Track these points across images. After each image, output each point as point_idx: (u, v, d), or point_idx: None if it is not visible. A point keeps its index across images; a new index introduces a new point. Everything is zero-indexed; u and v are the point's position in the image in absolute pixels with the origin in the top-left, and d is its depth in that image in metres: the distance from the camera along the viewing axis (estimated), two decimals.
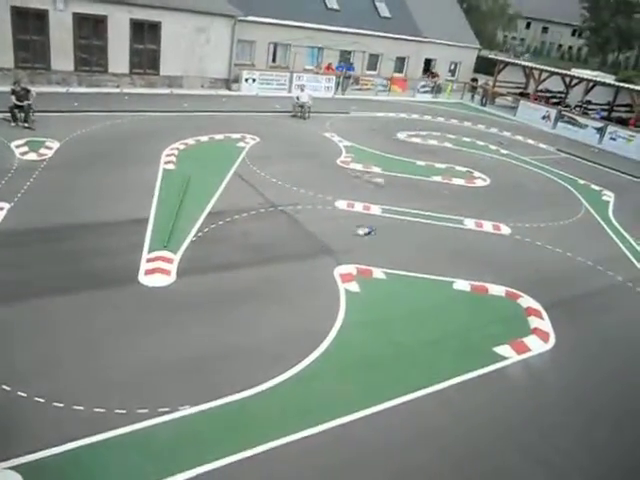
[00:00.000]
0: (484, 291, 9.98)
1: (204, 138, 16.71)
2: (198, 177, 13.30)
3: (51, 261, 8.90)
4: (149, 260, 9.24)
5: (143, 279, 8.69)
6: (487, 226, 13.08)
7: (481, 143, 21.80)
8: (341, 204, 12.97)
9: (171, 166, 13.97)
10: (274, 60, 28.30)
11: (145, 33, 22.04)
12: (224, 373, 6.88)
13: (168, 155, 14.69)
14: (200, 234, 10.47)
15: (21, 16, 19.64)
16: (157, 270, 8.97)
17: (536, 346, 8.51)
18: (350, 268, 9.96)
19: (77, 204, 11.08)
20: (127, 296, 8.25)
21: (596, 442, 6.76)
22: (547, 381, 7.83)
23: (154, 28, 22.15)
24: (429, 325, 8.69)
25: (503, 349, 8.27)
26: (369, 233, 11.61)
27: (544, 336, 8.80)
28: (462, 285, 10.02)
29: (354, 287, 9.38)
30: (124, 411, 6.04)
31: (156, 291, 8.48)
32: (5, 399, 6.00)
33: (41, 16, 19.95)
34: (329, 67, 28.97)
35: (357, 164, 16.34)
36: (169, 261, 9.30)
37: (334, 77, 27.90)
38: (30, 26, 19.92)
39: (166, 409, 6.14)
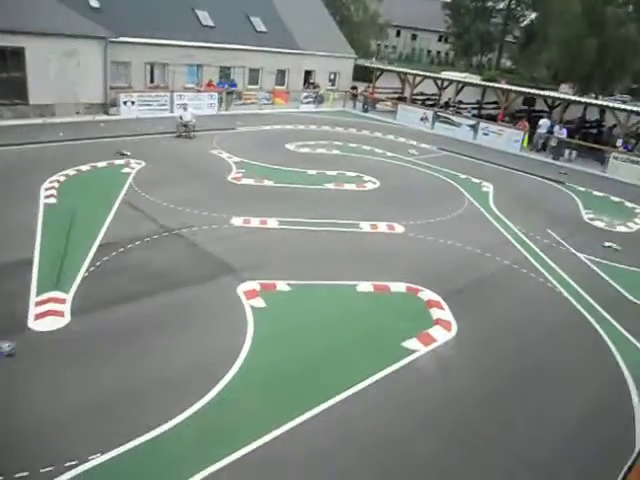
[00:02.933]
0: (386, 290, 10.29)
1: (85, 167, 15.83)
2: (83, 209, 12.57)
3: None
4: (38, 303, 8.57)
5: (33, 325, 8.04)
6: (382, 227, 13.54)
7: (367, 148, 22.56)
8: (237, 221, 12.83)
9: (52, 200, 13.09)
10: (152, 80, 27.57)
11: (8, 60, 20.56)
12: (135, 412, 6.52)
13: (48, 189, 13.74)
14: (92, 269, 9.89)
15: None
16: (49, 313, 8.34)
17: (441, 336, 8.91)
18: (253, 284, 9.87)
19: None
20: (17, 346, 7.56)
21: (505, 417, 7.18)
22: (455, 366, 8.22)
23: (17, 54, 20.70)
24: (338, 330, 8.81)
25: (411, 343, 8.57)
26: None
27: (447, 325, 9.24)
28: (365, 287, 10.27)
29: (259, 303, 9.30)
30: (26, 473, 5.53)
31: (49, 335, 7.86)
32: None
33: None
34: (210, 84, 28.69)
35: (249, 179, 16.27)
36: (61, 301, 8.69)
37: (216, 94, 27.66)
38: None
39: (74, 462, 5.69)
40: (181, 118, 21.18)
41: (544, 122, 26.69)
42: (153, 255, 10.72)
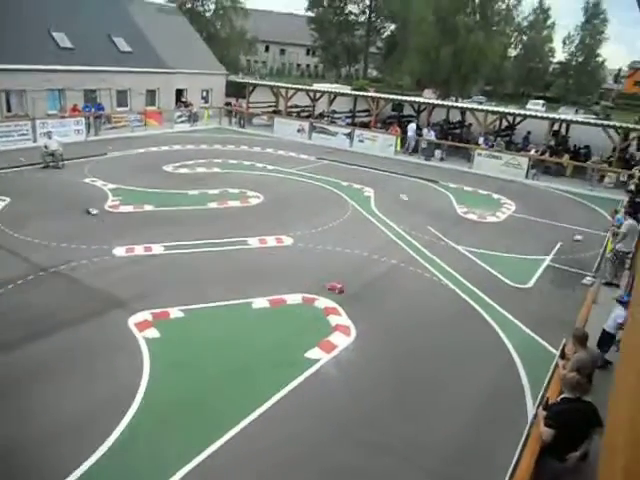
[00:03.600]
0: (282, 303, 10.28)
1: None
2: None
3: None
4: None
5: None
6: (270, 241, 13.54)
7: (248, 163, 22.51)
8: (119, 251, 12.19)
9: None
10: (9, 109, 25.54)
11: None
12: (25, 473, 5.92)
13: None
14: None
15: None
16: None
17: (341, 341, 9.05)
18: (145, 315, 9.42)
19: None
20: None
21: (409, 410, 7.43)
22: (358, 369, 8.38)
23: None
24: (238, 351, 8.65)
25: (313, 352, 8.62)
26: None
27: (345, 330, 9.41)
28: (260, 303, 10.19)
29: (153, 333, 8.89)
30: None
31: None
32: None
33: None
34: (75, 109, 27.10)
35: (127, 206, 15.54)
36: None
37: (83, 119, 26.20)
38: None
39: None
40: (46, 147, 19.75)
41: (411, 126, 28.27)
42: (30, 297, 9.85)
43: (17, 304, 9.59)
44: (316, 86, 36.15)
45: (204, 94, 36.44)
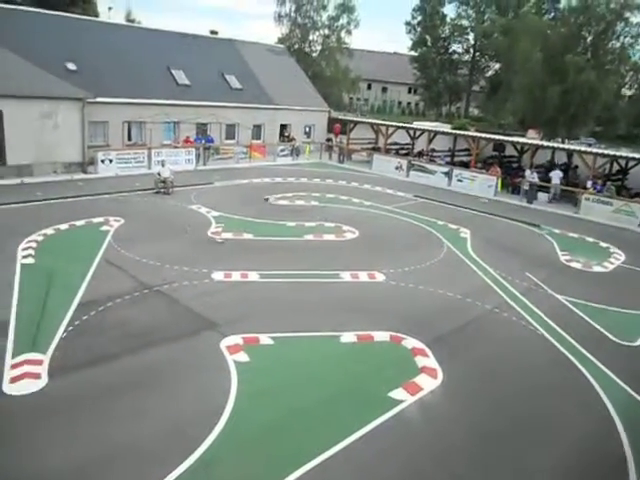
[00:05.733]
0: (370, 339, 10.25)
1: (64, 226, 15.75)
2: (62, 268, 12.45)
3: None
4: (14, 366, 8.36)
5: (8, 388, 7.82)
6: (363, 276, 13.60)
7: (345, 197, 22.89)
8: (218, 275, 12.79)
9: (30, 260, 12.94)
10: (130, 138, 27.88)
11: None
12: (115, 478, 6.29)
13: (25, 249, 13.61)
14: (71, 328, 9.71)
15: None
16: (25, 375, 8.13)
17: (427, 384, 8.84)
18: (236, 339, 9.76)
19: None
20: None
21: (492, 467, 7.08)
22: (443, 415, 8.12)
23: None
24: (323, 383, 8.70)
25: (398, 393, 8.48)
26: None
27: (432, 373, 9.19)
28: (348, 337, 10.23)
29: (243, 357, 9.18)
30: None
31: (25, 399, 7.64)
32: None
33: None
34: (187, 140, 29.07)
35: (228, 233, 16.32)
36: (38, 363, 8.48)
37: (194, 149, 28.02)
38: None
39: None
40: (159, 174, 21.34)
41: (556, 173, 26.81)
42: (133, 313, 10.58)
43: (122, 318, 10.32)
44: (416, 124, 36.32)
45: (307, 129, 37.72)
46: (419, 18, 69.05)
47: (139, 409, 7.63)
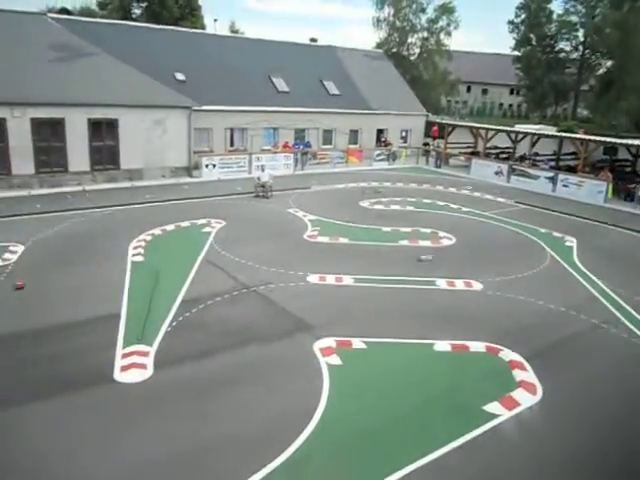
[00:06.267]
0: (465, 349, 9.97)
1: (170, 227, 16.76)
2: (168, 266, 13.25)
3: (21, 368, 8.58)
4: (124, 356, 9.01)
5: (119, 376, 8.44)
6: (459, 284, 13.25)
7: (442, 203, 22.44)
8: (313, 278, 13.01)
9: (139, 258, 13.89)
10: (232, 144, 29.10)
11: (103, 130, 22.46)
12: (211, 468, 6.58)
13: (135, 247, 14.63)
14: (175, 323, 10.30)
15: None
16: (133, 365, 8.73)
17: (525, 399, 8.45)
18: (329, 341, 9.88)
19: (46, 307, 10.82)
20: (103, 396, 7.96)
21: None
22: (542, 435, 7.72)
23: (112, 125, 22.61)
24: (416, 391, 8.58)
25: (493, 406, 8.18)
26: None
27: (531, 388, 8.77)
28: (442, 346, 10.01)
29: (335, 360, 9.27)
30: None
31: (133, 387, 8.22)
32: None
33: None
34: (286, 145, 29.86)
35: (324, 237, 16.55)
36: (145, 354, 9.08)
37: (292, 154, 28.70)
38: None
39: None
40: (259, 179, 22.09)
41: None
42: (232, 311, 11.03)
43: (221, 316, 10.80)
44: (518, 127, 34.77)
45: (403, 134, 37.41)
46: (523, 16, 66.16)
47: (235, 404, 7.93)
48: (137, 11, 50.60)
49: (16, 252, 13.88)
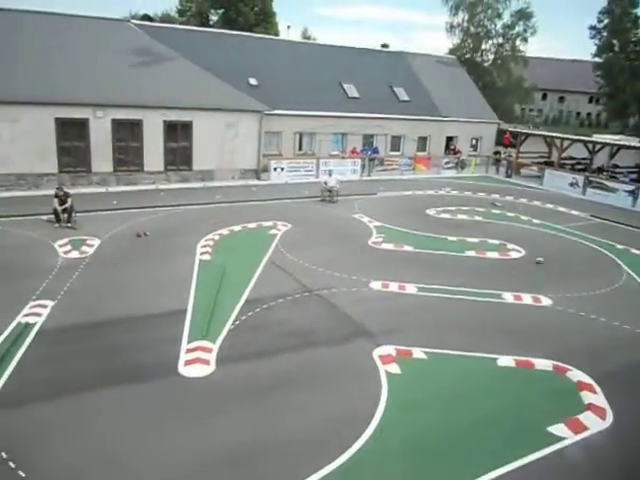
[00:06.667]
0: (530, 366, 9.62)
1: (237, 227, 17.18)
2: (234, 266, 13.57)
3: (92, 356, 9.03)
4: (189, 350, 9.29)
5: (183, 370, 8.72)
6: (526, 298, 12.81)
7: (511, 214, 21.79)
8: (376, 285, 12.96)
9: (207, 257, 14.32)
10: (300, 148, 29.50)
11: (178, 132, 23.34)
12: (266, 468, 6.67)
13: (203, 246, 15.10)
14: (238, 322, 10.54)
15: (64, 125, 21.12)
16: (197, 360, 8.99)
17: (593, 424, 8.04)
18: (389, 349, 9.79)
19: (118, 299, 11.36)
20: (167, 388, 8.26)
21: None
22: (610, 465, 7.31)
23: (186, 127, 23.47)
24: (476, 406, 8.36)
25: (558, 428, 7.82)
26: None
27: (600, 412, 8.34)
28: (506, 361, 9.71)
29: (395, 369, 9.18)
30: None
31: (196, 382, 8.46)
32: None
33: (82, 124, 21.39)
34: (354, 151, 29.93)
35: (389, 244, 16.46)
36: (208, 350, 9.33)
37: (359, 160, 28.74)
38: (72, 133, 21.35)
39: None
40: (326, 183, 22.26)
41: None
42: (294, 313, 11.16)
43: (283, 317, 10.95)
44: (596, 137, 33.26)
45: (473, 142, 36.65)
46: (606, 21, 63.30)
47: (292, 405, 8.01)
48: (214, 17, 52.28)
49: (93, 245, 14.65)
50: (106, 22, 25.87)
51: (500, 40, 51.28)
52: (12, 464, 6.41)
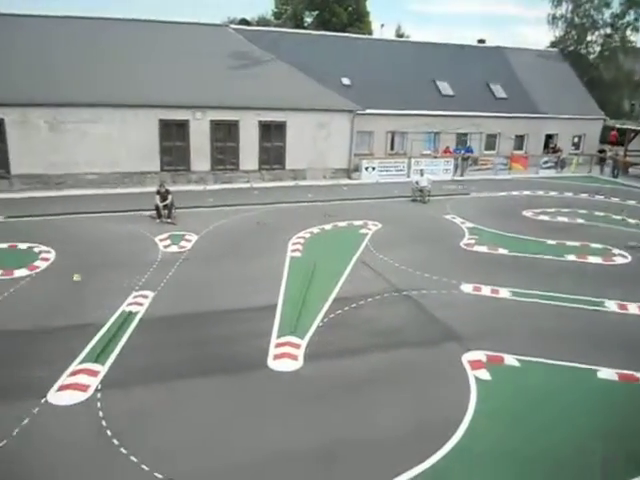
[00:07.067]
0: (635, 381, 8.95)
1: (328, 226, 17.38)
2: (323, 264, 13.73)
3: (187, 346, 9.48)
4: (278, 345, 9.51)
5: (272, 364, 8.93)
6: (633, 308, 11.92)
7: (617, 217, 20.38)
8: (467, 288, 12.60)
9: (297, 254, 14.60)
10: (392, 148, 29.29)
11: (272, 132, 23.97)
12: (348, 467, 6.67)
13: (294, 243, 15.41)
14: (326, 320, 10.64)
15: (167, 126, 22.35)
16: (285, 355, 9.18)
17: None
18: (479, 354, 9.48)
19: (212, 293, 11.86)
20: (257, 380, 8.49)
21: None
22: None
23: (280, 127, 24.05)
24: (574, 421, 7.84)
25: None
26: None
27: None
28: (607, 374, 9.08)
29: (484, 375, 8.87)
30: None
31: (284, 376, 8.64)
32: (144, 479, 6.29)
33: (183, 125, 22.54)
34: (446, 150, 29.29)
35: (482, 246, 15.95)
36: (296, 346, 9.49)
37: (452, 159, 28.08)
38: (174, 134, 22.55)
39: None
40: (417, 183, 21.96)
41: None
42: (383, 313, 11.10)
43: (371, 316, 10.92)
44: None
45: (575, 140, 34.66)
46: None
47: (378, 405, 7.95)
48: (308, 19, 53.11)
49: (191, 241, 15.41)
50: (207, 28, 27.10)
51: (608, 30, 48.00)
52: (115, 441, 6.89)
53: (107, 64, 22.78)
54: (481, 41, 39.77)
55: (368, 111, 26.10)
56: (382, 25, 61.41)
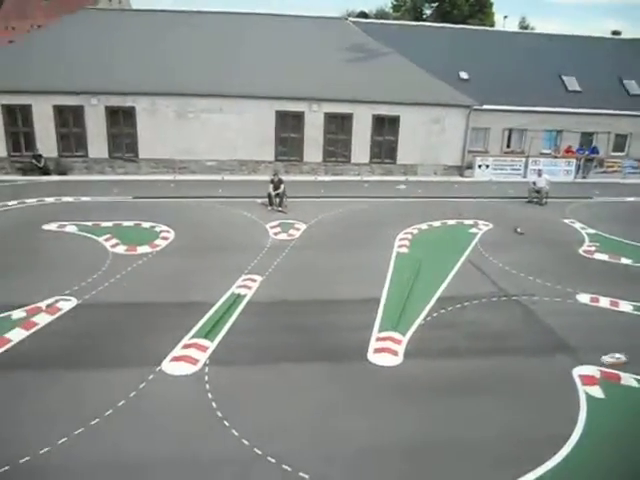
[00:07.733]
0: None
1: (436, 223, 17.07)
2: (429, 261, 13.52)
3: (291, 331, 9.76)
4: (379, 339, 9.51)
5: (372, 357, 8.96)
6: None
7: None
8: (583, 298, 11.82)
9: (404, 250, 14.49)
10: (509, 145, 28.06)
11: (385, 126, 23.91)
12: (442, 473, 6.54)
13: (402, 239, 15.31)
14: (429, 318, 10.49)
15: (283, 117, 23.05)
16: (385, 350, 9.16)
17: None
18: (592, 370, 8.87)
19: (317, 282, 12.11)
20: (356, 372, 8.55)
21: None
22: None
23: (394, 121, 23.93)
24: None
25: None
26: None
27: None
28: None
29: (597, 392, 8.28)
30: None
31: (383, 371, 8.63)
32: (243, 452, 6.59)
33: (298, 117, 23.12)
34: (569, 150, 27.54)
35: (603, 254, 14.87)
36: (398, 342, 9.44)
37: (574, 160, 26.37)
38: (289, 125, 23.20)
39: None
40: (534, 184, 20.89)
41: None
42: (488, 316, 10.73)
43: (475, 319, 10.59)
44: None
45: None
46: None
47: (477, 411, 7.68)
48: (428, 11, 52.14)
49: (299, 229, 15.83)
50: (326, 21, 27.47)
51: None
52: (219, 413, 7.30)
53: (229, 56, 23.90)
54: (616, 33, 36.87)
55: (485, 107, 25.20)
56: (505, 17, 58.85)
